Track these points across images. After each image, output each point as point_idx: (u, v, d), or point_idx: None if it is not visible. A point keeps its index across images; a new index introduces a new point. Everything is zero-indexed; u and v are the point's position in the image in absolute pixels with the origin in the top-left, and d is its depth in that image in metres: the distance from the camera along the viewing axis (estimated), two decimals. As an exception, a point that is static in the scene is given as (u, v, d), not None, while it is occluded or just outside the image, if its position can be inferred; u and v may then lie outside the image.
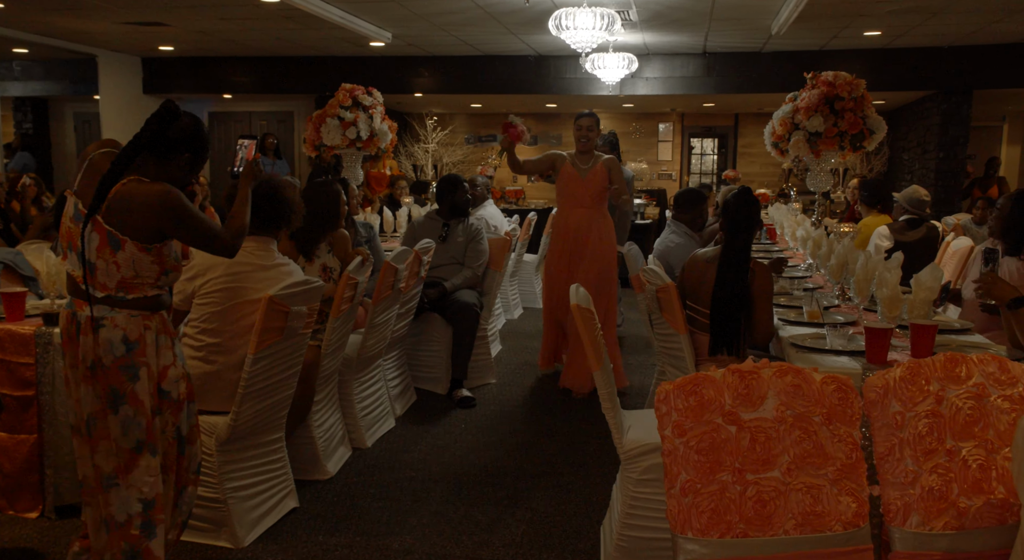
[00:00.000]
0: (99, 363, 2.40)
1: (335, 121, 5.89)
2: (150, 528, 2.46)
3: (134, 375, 2.42)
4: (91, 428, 2.44)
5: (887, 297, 3.02)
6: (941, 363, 1.80)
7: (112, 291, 2.41)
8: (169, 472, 2.55)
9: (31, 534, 3.20)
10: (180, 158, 2.47)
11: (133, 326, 2.43)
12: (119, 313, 2.42)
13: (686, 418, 1.69)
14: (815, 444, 1.72)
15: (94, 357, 2.41)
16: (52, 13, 7.69)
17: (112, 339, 2.40)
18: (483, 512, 3.47)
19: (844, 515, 1.71)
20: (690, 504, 1.67)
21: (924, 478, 1.73)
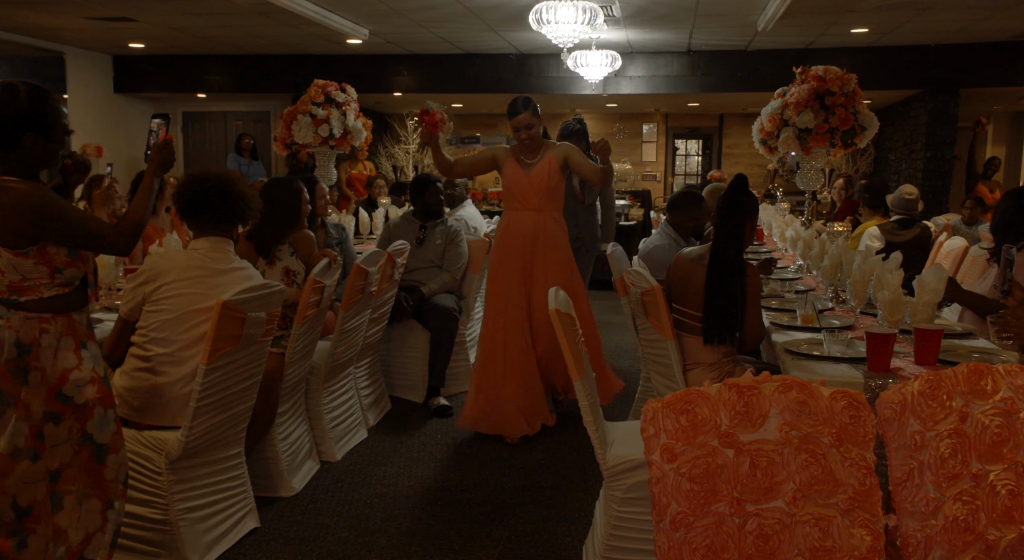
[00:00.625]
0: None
1: (307, 118, 5.66)
2: (20, 537, 2.25)
3: (23, 379, 2.23)
4: None
5: (889, 300, 2.81)
6: (964, 376, 1.59)
7: (5, 294, 2.23)
8: (75, 482, 2.34)
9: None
10: (23, 141, 2.24)
11: (27, 329, 2.24)
12: (15, 315, 2.23)
13: (677, 441, 1.47)
14: (824, 469, 1.50)
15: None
16: (14, 7, 7.40)
17: (5, 340, 2.21)
18: (457, 531, 3.24)
19: (858, 550, 1.50)
20: (682, 539, 1.45)
21: (947, 506, 1.52)
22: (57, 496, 2.31)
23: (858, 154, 12.74)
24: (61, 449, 2.31)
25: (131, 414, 2.93)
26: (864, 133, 4.99)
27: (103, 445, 2.39)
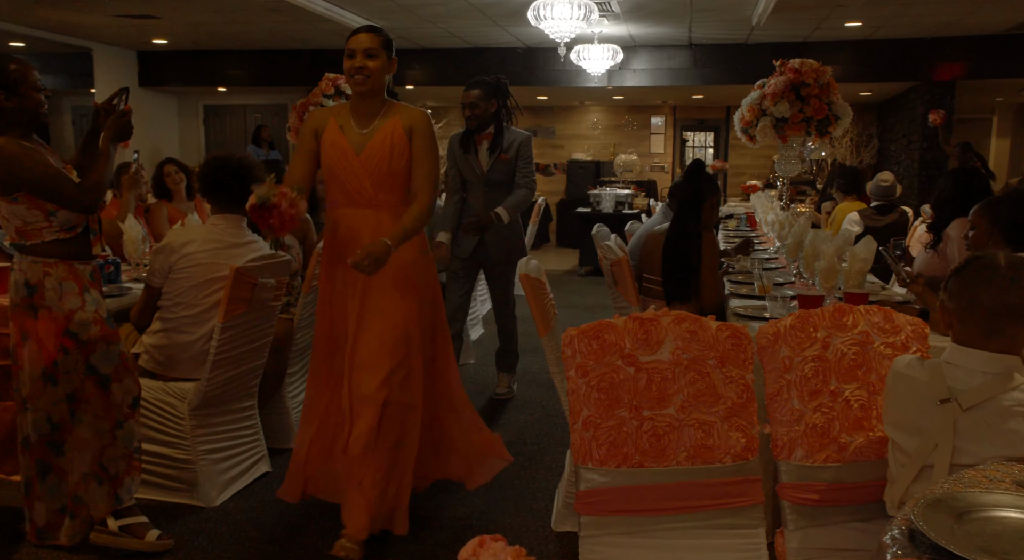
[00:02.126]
0: (12, 303, 2.75)
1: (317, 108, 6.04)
2: (58, 447, 2.80)
3: (34, 315, 2.72)
4: (13, 358, 2.78)
5: (823, 268, 3.18)
6: (830, 313, 1.95)
7: (16, 239, 2.72)
8: (85, 403, 2.81)
9: (16, 495, 3.36)
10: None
11: (33, 271, 2.71)
12: (24, 259, 2.72)
13: (588, 360, 1.85)
14: (708, 385, 1.88)
15: (10, 299, 2.76)
16: (45, 6, 7.86)
17: (17, 281, 2.72)
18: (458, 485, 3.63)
19: (734, 449, 1.87)
20: (591, 437, 1.83)
21: (808, 416, 1.89)
22: (76, 414, 2.81)
23: (862, 145, 13.00)
24: (71, 376, 2.79)
25: (157, 368, 3.36)
26: (838, 122, 5.31)
27: (106, 376, 2.86)
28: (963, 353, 1.70)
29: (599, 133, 14.65)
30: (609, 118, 14.63)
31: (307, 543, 3.02)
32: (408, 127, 2.90)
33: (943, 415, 1.66)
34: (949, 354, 1.73)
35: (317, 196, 4.91)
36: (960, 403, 1.65)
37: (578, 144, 14.66)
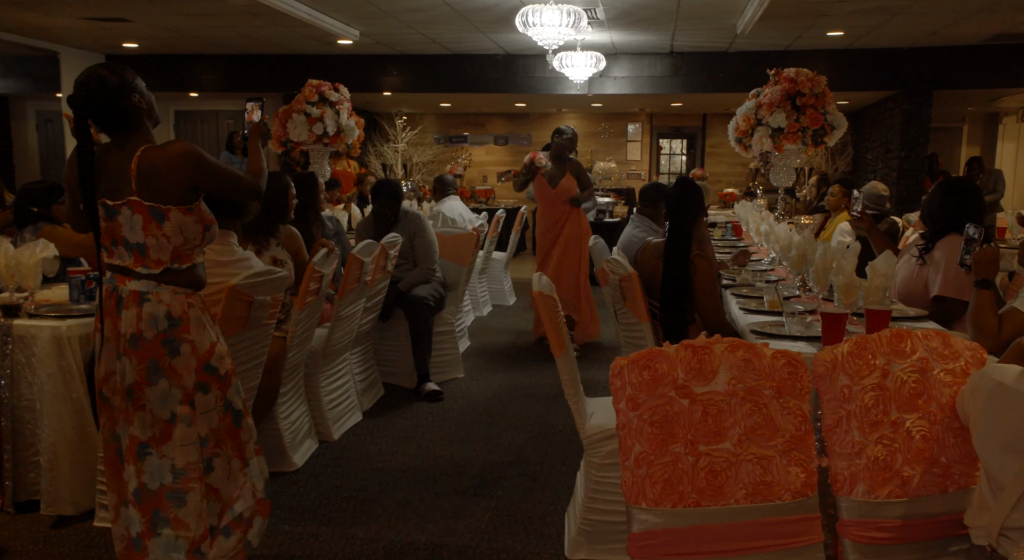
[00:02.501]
0: (141, 337, 2.43)
1: (301, 117, 5.88)
2: (180, 496, 2.50)
3: (175, 350, 2.46)
4: (131, 399, 2.46)
5: (843, 284, 3.08)
6: (887, 338, 1.85)
7: (168, 264, 2.46)
8: (223, 446, 2.59)
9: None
10: (131, 102, 2.47)
11: (176, 303, 2.47)
12: (164, 289, 2.46)
13: (640, 392, 1.72)
14: (765, 416, 1.76)
15: (135, 330, 2.43)
16: (10, 7, 7.58)
17: (156, 314, 2.44)
18: (449, 501, 3.49)
19: (793, 485, 1.76)
20: (644, 475, 1.71)
21: (870, 448, 1.78)
22: (207, 459, 2.56)
23: (837, 153, 13.07)
24: (209, 416, 2.55)
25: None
26: (833, 132, 5.27)
27: (239, 411, 2.65)
28: None
29: (575, 140, 14.57)
30: (586, 125, 14.58)
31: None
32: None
33: None
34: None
35: (314, 209, 4.75)
36: None
37: (554, 151, 14.58)
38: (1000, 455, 1.66)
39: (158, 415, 2.48)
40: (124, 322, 2.45)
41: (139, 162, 2.40)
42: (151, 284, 2.46)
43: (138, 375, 2.45)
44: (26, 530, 3.15)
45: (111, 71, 2.46)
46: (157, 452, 2.49)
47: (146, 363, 2.45)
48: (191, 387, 2.50)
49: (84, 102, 2.44)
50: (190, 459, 2.51)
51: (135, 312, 2.43)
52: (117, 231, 2.45)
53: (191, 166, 2.43)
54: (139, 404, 2.47)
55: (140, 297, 2.45)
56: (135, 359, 2.45)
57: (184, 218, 2.45)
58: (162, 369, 2.46)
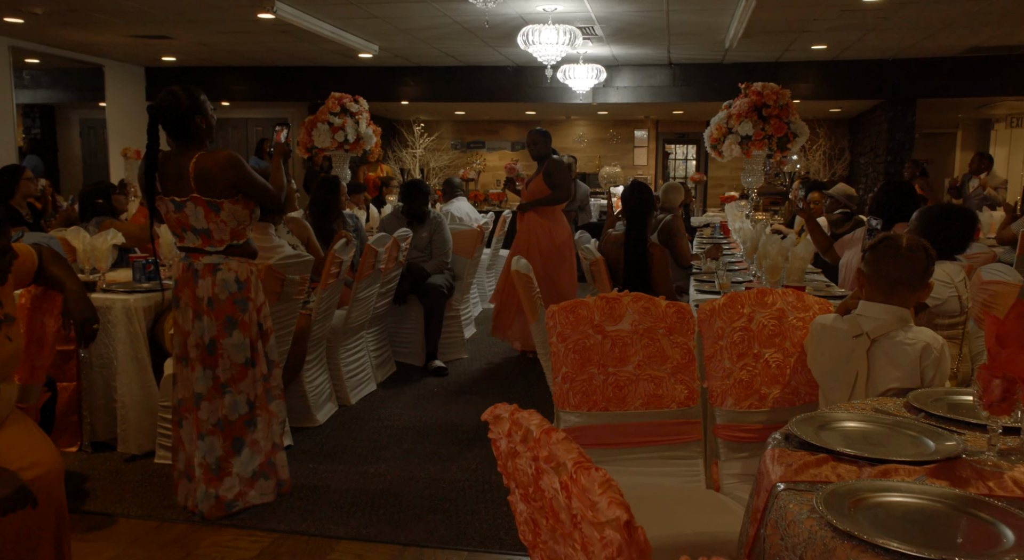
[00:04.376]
0: (216, 299, 3.19)
1: (325, 126, 6.59)
2: (254, 422, 3.34)
3: (244, 307, 3.24)
4: (212, 350, 3.23)
5: (768, 266, 3.76)
6: (754, 294, 2.52)
7: (230, 240, 3.22)
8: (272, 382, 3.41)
9: (72, 463, 3.89)
10: (195, 121, 3.19)
11: (243, 269, 3.26)
12: (232, 259, 3.24)
13: (566, 329, 2.40)
14: (658, 348, 2.44)
15: (211, 294, 3.19)
16: (66, 27, 8.39)
17: (228, 279, 3.22)
18: (446, 449, 4.18)
19: (678, 398, 2.43)
20: (567, 388, 2.39)
21: (736, 373, 2.45)
22: (268, 391, 3.38)
23: (835, 158, 13.67)
24: (264, 361, 3.36)
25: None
26: (796, 139, 5.90)
27: (273, 361, 3.44)
28: (870, 307, 2.28)
29: (585, 146, 15.27)
30: (595, 132, 15.24)
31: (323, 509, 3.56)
32: None
33: (859, 347, 2.22)
34: (860, 308, 2.31)
35: (336, 207, 5.48)
36: (869, 335, 2.21)
37: (565, 157, 15.28)
38: (827, 375, 2.33)
39: (235, 360, 3.23)
40: (200, 289, 3.18)
41: (195, 166, 3.13)
42: (221, 258, 3.21)
43: (217, 330, 3.18)
44: (101, 465, 3.88)
45: (187, 93, 3.19)
46: (235, 390, 3.27)
47: (222, 318, 3.20)
48: (254, 337, 3.26)
49: (159, 112, 3.17)
50: (257, 392, 3.31)
51: (209, 280, 3.17)
52: (185, 221, 3.18)
53: (232, 171, 3.17)
54: (220, 353, 3.22)
55: (215, 268, 3.20)
56: (213, 317, 3.19)
57: (234, 207, 3.18)
58: (236, 323, 3.22)
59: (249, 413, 3.32)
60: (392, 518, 3.34)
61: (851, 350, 2.25)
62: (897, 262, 2.25)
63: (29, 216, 6.14)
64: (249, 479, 3.35)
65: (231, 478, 3.31)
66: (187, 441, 3.32)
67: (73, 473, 3.78)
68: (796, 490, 1.52)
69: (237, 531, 3.22)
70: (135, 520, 3.32)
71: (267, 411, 3.37)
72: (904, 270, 2.24)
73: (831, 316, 2.36)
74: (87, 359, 3.98)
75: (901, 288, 2.25)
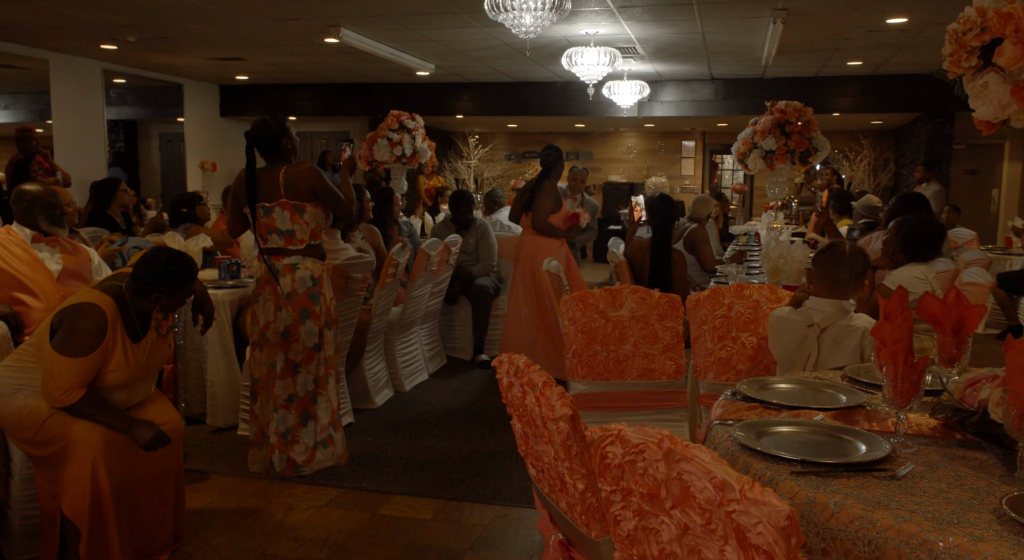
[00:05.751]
0: (295, 293, 3.84)
1: (384, 141, 7.26)
2: (315, 398, 3.96)
3: (317, 301, 3.88)
4: (287, 336, 3.86)
5: (769, 268, 4.26)
6: (734, 288, 3.05)
7: (308, 240, 3.85)
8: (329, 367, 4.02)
9: (168, 433, 4.58)
10: (282, 143, 3.87)
11: (316, 268, 3.90)
12: (308, 259, 3.87)
13: (576, 314, 2.97)
14: (652, 331, 2.98)
15: (291, 289, 3.83)
16: (153, 52, 9.25)
17: (304, 277, 3.85)
18: (487, 427, 4.76)
19: (667, 372, 2.97)
20: (577, 362, 2.95)
21: (716, 352, 2.98)
22: (329, 375, 3.99)
23: (880, 169, 13.93)
24: (328, 346, 3.99)
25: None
26: (817, 154, 6.36)
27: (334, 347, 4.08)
28: (818, 301, 2.78)
29: (633, 157, 15.77)
30: (643, 143, 15.74)
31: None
32: None
33: (810, 335, 2.73)
34: (810, 303, 2.81)
35: (390, 215, 6.12)
36: (819, 325, 2.73)
37: (614, 167, 15.81)
38: (784, 359, 2.85)
39: (306, 345, 3.85)
40: (282, 285, 3.83)
41: (283, 176, 3.79)
42: (299, 258, 3.85)
43: (293, 319, 3.83)
44: (193, 435, 4.55)
45: (274, 121, 3.86)
46: (304, 369, 3.90)
47: (299, 310, 3.82)
48: (322, 326, 3.88)
49: (254, 137, 3.84)
50: (320, 373, 3.92)
51: (290, 277, 3.81)
52: (272, 224, 3.83)
53: (314, 178, 3.81)
54: (294, 338, 3.85)
55: (294, 267, 3.84)
56: (290, 309, 3.82)
57: (315, 210, 3.83)
58: (308, 314, 3.85)
59: (314, 390, 3.95)
60: (437, 480, 3.94)
61: (804, 337, 2.76)
62: (840, 265, 2.75)
63: (123, 223, 6.93)
64: (313, 448, 3.97)
65: (299, 445, 3.94)
66: (260, 414, 3.96)
67: (170, 440, 4.46)
68: (725, 425, 2.06)
69: (309, 486, 3.86)
70: (224, 476, 3.98)
71: (326, 390, 3.98)
72: (846, 272, 2.74)
73: (786, 309, 2.87)
74: (183, 345, 4.67)
75: (843, 286, 2.75)
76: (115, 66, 10.09)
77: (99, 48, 8.92)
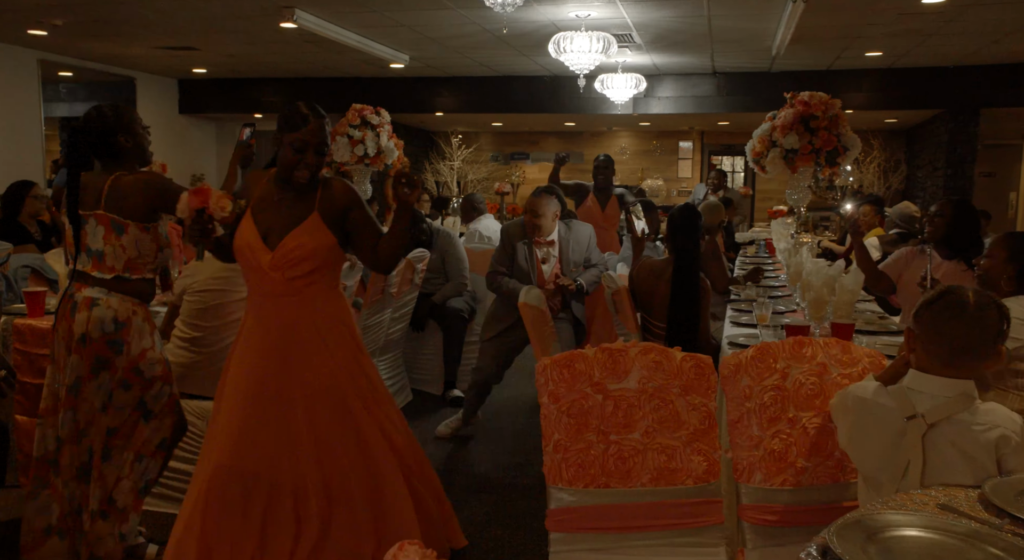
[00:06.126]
0: (89, 337, 2.81)
1: (344, 139, 6.29)
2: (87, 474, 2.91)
3: (118, 350, 2.83)
4: (75, 391, 2.85)
5: (812, 299, 3.30)
6: (790, 345, 2.08)
7: (120, 272, 2.84)
8: (120, 438, 2.91)
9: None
10: (121, 143, 2.88)
11: (123, 309, 2.85)
12: (113, 296, 2.85)
13: (560, 387, 2.00)
14: (671, 411, 2.02)
15: (85, 331, 2.81)
16: (93, 39, 8.26)
17: (104, 318, 2.82)
18: (452, 495, 3.76)
19: (695, 471, 2.01)
20: (560, 459, 1.98)
21: (767, 442, 2.02)
22: (108, 449, 2.90)
23: (890, 171, 13.01)
24: (123, 411, 2.91)
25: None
26: (847, 153, 5.41)
27: (151, 411, 2.98)
28: (925, 379, 1.82)
29: (627, 158, 14.81)
30: (637, 143, 14.79)
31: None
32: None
33: (912, 433, 1.77)
34: (910, 380, 1.85)
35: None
36: (925, 418, 1.76)
37: (606, 169, 14.85)
38: (867, 464, 1.88)
39: (92, 404, 2.84)
40: (76, 324, 2.84)
41: (110, 183, 2.82)
42: (103, 291, 2.85)
43: (82, 369, 2.83)
44: (75, 509, 3.56)
45: (113, 112, 2.93)
46: (88, 435, 2.86)
47: (91, 359, 2.83)
48: (116, 384, 2.85)
49: (80, 131, 2.90)
50: (100, 446, 2.86)
51: (87, 315, 2.83)
52: (83, 240, 2.87)
53: (152, 191, 2.82)
54: (84, 395, 2.84)
55: (92, 302, 2.84)
56: (82, 356, 2.84)
57: (141, 235, 2.85)
58: (104, 365, 2.83)
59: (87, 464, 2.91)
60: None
61: (901, 434, 1.79)
62: (963, 324, 1.79)
63: (38, 233, 5.94)
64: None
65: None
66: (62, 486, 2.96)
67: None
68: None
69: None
70: None
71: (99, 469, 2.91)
72: (972, 335, 1.78)
73: (872, 385, 1.91)
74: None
75: (966, 357, 1.79)
76: (53, 56, 9.08)
77: (27, 34, 7.92)
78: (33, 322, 3.68)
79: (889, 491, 1.77)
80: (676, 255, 3.76)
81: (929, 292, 1.85)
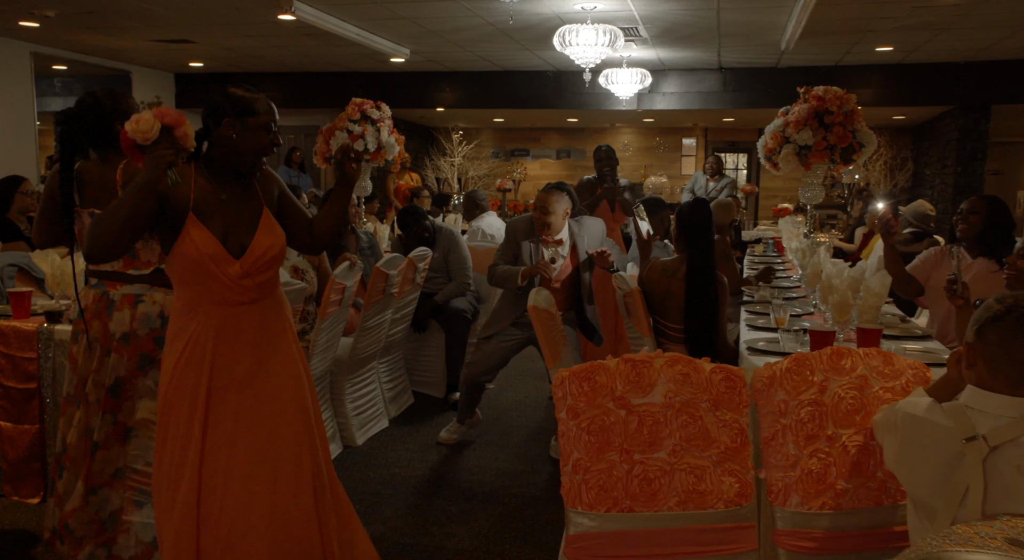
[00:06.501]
0: (134, 334, 2.67)
1: (343, 134, 6.12)
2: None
3: (160, 345, 2.68)
4: (117, 390, 2.70)
5: (836, 303, 3.13)
6: (827, 356, 1.92)
7: (156, 264, 2.71)
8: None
9: (32, 518, 3.43)
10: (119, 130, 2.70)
11: (167, 302, 2.71)
12: (157, 291, 2.71)
13: (579, 402, 1.83)
14: (700, 428, 1.85)
15: (128, 329, 2.67)
16: (87, 31, 8.07)
17: (150, 314, 2.69)
18: (457, 506, 3.63)
19: (727, 494, 1.85)
20: (580, 480, 1.82)
21: (804, 461, 1.85)
22: None
23: (896, 169, 12.83)
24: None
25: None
26: (862, 150, 5.25)
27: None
28: (987, 398, 1.64)
29: (630, 155, 14.64)
30: (640, 140, 14.62)
31: None
32: None
33: (972, 455, 1.60)
34: (969, 398, 1.68)
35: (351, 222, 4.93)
36: (987, 440, 1.60)
37: (609, 166, 14.67)
38: (919, 488, 1.71)
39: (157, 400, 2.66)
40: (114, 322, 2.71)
41: (123, 174, 2.66)
42: (145, 287, 2.72)
43: (130, 369, 2.70)
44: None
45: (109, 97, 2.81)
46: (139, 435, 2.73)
47: (137, 357, 2.70)
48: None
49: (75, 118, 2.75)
50: None
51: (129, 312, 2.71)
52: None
53: None
54: (129, 394, 2.72)
55: (136, 299, 2.72)
56: (124, 355, 2.71)
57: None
58: (152, 360, 2.71)
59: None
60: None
61: (959, 456, 1.62)
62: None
63: (28, 230, 5.76)
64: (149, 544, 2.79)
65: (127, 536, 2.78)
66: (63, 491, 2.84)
67: (30, 533, 3.31)
68: None
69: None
70: None
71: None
72: None
73: (924, 402, 1.74)
74: (51, 397, 3.51)
75: None
76: (46, 49, 8.90)
77: (19, 26, 7.73)
78: (18, 324, 3.52)
79: (945, 520, 1.61)
80: (689, 252, 3.58)
81: (994, 306, 1.68)
